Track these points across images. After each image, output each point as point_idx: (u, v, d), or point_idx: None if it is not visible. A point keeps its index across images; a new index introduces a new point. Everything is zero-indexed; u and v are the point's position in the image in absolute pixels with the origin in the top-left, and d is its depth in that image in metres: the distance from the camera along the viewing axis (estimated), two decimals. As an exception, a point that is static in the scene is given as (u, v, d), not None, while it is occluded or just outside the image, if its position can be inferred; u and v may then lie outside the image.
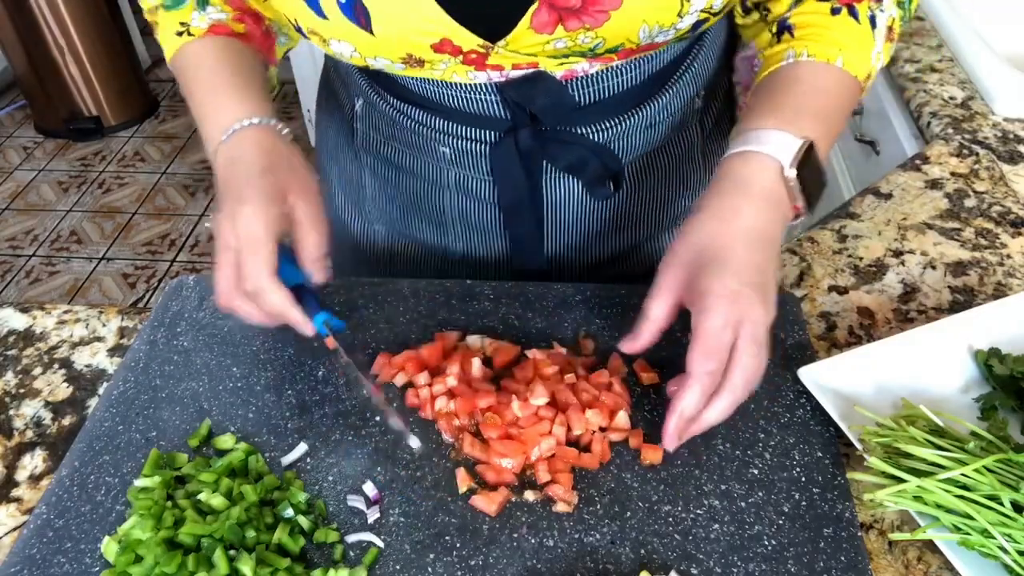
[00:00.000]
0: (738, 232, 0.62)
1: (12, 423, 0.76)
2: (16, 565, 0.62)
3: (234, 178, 0.66)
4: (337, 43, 0.68)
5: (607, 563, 0.60)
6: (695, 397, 0.60)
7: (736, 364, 0.60)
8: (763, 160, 0.63)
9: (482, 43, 0.66)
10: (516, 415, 0.67)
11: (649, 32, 0.66)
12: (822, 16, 0.70)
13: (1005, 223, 0.92)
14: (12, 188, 3.12)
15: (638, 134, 0.82)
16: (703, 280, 0.60)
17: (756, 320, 0.60)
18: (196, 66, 0.76)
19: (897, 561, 0.61)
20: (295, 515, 0.63)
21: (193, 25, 0.76)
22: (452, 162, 0.83)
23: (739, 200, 0.63)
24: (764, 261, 0.62)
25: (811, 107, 0.66)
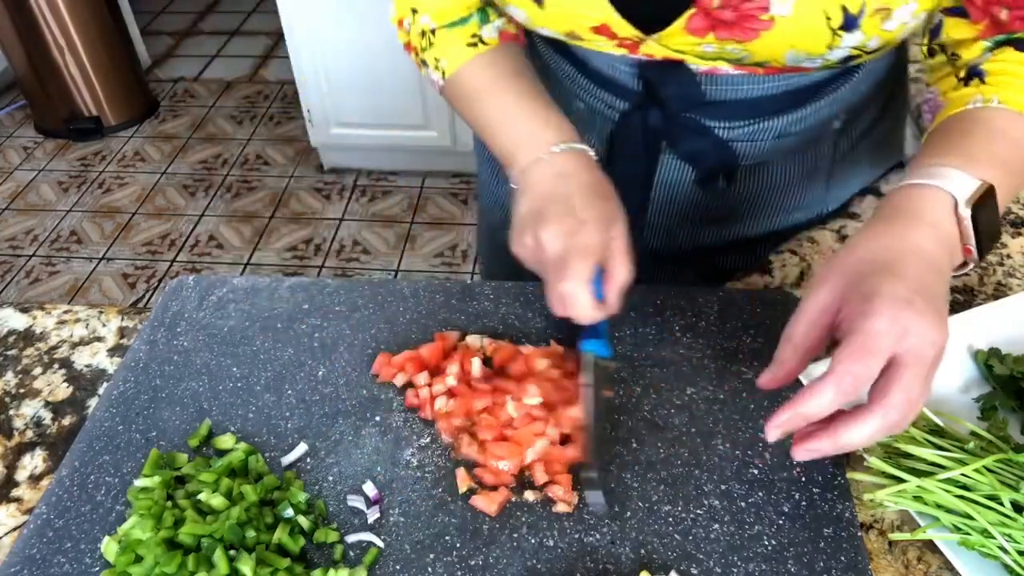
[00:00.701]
0: (910, 249, 0.56)
1: (12, 423, 0.76)
2: (16, 565, 0.62)
3: (566, 193, 0.69)
4: (512, 8, 0.72)
5: (607, 563, 0.60)
6: (826, 396, 0.51)
7: (897, 381, 0.51)
8: (937, 194, 0.58)
9: (637, 34, 0.69)
10: (511, 415, 0.67)
11: (796, 57, 0.67)
12: (1020, 66, 0.66)
13: (1005, 223, 0.92)
14: (12, 188, 3.12)
15: (766, 141, 0.82)
16: (869, 284, 0.53)
17: (926, 336, 0.52)
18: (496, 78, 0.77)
19: (897, 561, 0.61)
20: (295, 515, 0.63)
21: (485, 36, 0.78)
22: (582, 119, 0.84)
23: (910, 226, 0.58)
24: (936, 285, 0.55)
25: (995, 153, 0.62)
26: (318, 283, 0.85)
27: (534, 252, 0.68)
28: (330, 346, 0.78)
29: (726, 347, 0.75)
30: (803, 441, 0.55)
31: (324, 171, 3.11)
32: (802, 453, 0.55)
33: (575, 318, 0.66)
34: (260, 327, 0.80)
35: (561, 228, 0.66)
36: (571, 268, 0.64)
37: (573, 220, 0.66)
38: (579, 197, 0.68)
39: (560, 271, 0.65)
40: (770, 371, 0.58)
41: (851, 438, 0.52)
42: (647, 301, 0.80)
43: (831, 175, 0.88)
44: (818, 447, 0.54)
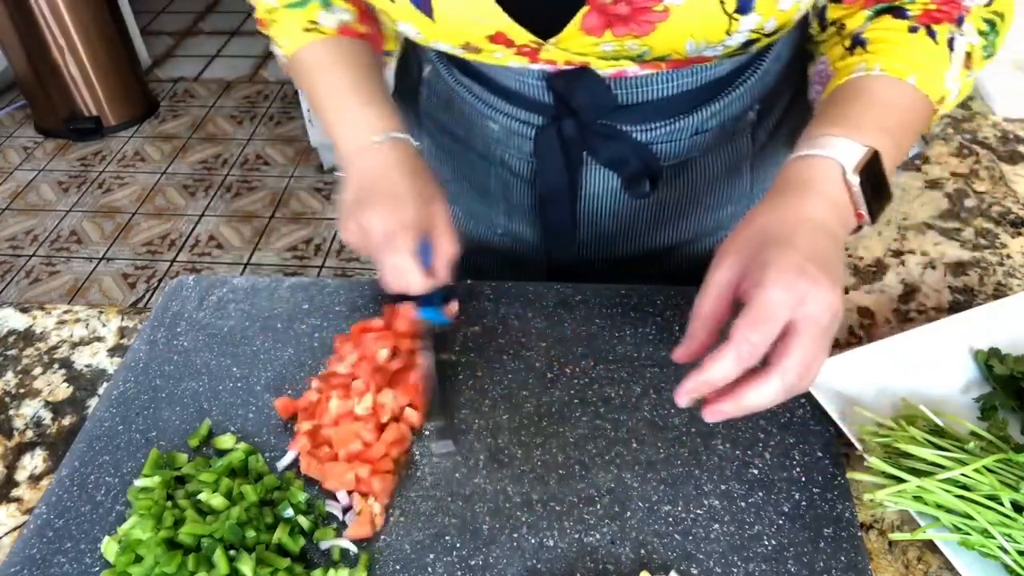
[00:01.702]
0: (802, 219, 0.58)
1: (12, 423, 0.76)
2: (16, 565, 0.62)
3: (386, 178, 0.72)
4: (403, 24, 0.71)
5: (607, 563, 0.60)
6: (727, 363, 0.53)
7: (793, 345, 0.53)
8: (826, 163, 0.61)
9: (534, 39, 0.68)
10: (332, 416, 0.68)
11: (696, 46, 0.66)
12: (898, 33, 0.68)
13: (1005, 223, 0.92)
14: (12, 188, 3.12)
15: (684, 140, 0.82)
16: (764, 255, 0.55)
17: (821, 302, 0.53)
18: (331, 64, 0.78)
19: (897, 561, 0.61)
20: (295, 515, 0.63)
21: (322, 24, 0.78)
22: (499, 139, 0.85)
23: (802, 196, 0.60)
24: (829, 251, 0.57)
25: (878, 119, 0.64)
26: (318, 283, 0.85)
27: (360, 237, 0.71)
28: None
29: (726, 347, 0.75)
30: (710, 404, 0.56)
31: (324, 171, 3.11)
32: (710, 415, 0.56)
33: (407, 289, 0.69)
34: (260, 327, 0.80)
35: (383, 209, 0.70)
36: (397, 242, 0.68)
37: (393, 200, 0.70)
38: (398, 178, 0.72)
39: (387, 247, 0.68)
40: (683, 345, 0.59)
41: (752, 399, 0.54)
42: (647, 301, 0.80)
43: (753, 167, 0.88)
44: (723, 409, 0.55)
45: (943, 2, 0.68)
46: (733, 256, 0.58)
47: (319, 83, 0.78)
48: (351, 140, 0.75)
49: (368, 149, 0.74)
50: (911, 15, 0.68)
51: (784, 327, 0.53)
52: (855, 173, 0.60)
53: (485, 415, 0.71)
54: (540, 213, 0.88)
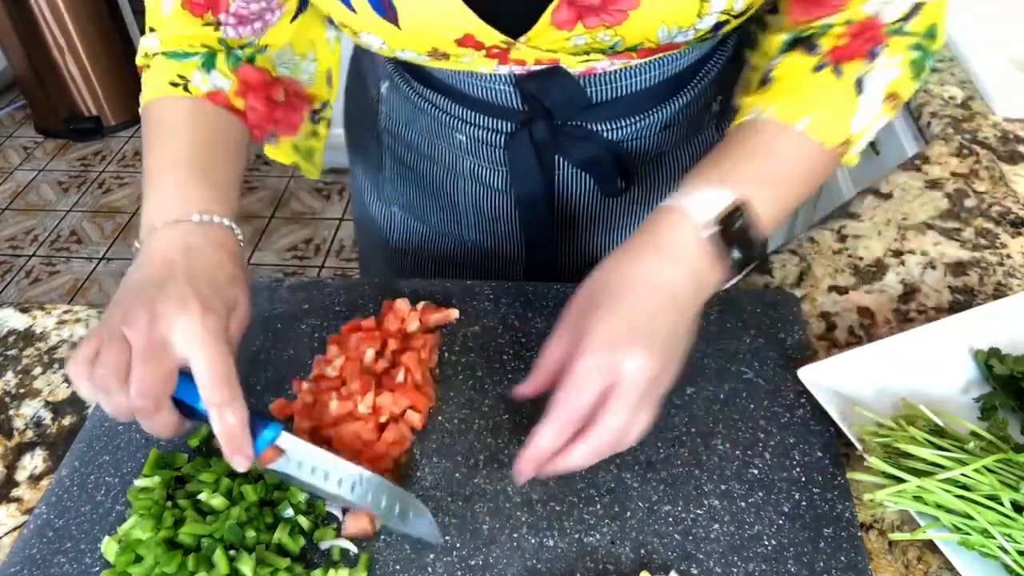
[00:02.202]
0: (637, 280, 0.58)
1: (12, 423, 0.76)
2: (16, 565, 0.62)
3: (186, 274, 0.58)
4: (367, 35, 0.69)
5: (607, 563, 0.60)
6: (550, 434, 0.56)
7: (602, 415, 0.56)
8: (682, 215, 0.60)
9: (504, 39, 0.67)
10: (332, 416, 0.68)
11: (668, 32, 0.66)
12: (802, 72, 0.66)
13: (1005, 223, 0.92)
14: (12, 188, 3.12)
15: (654, 134, 0.82)
16: (590, 319, 0.57)
17: (636, 373, 0.55)
18: (175, 125, 0.68)
19: (897, 561, 0.61)
20: (295, 515, 0.63)
21: (192, 84, 0.70)
22: (468, 150, 0.84)
23: (646, 253, 0.60)
24: (661, 316, 0.57)
25: (755, 170, 0.63)
26: (318, 283, 0.85)
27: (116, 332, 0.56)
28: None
29: (726, 347, 0.75)
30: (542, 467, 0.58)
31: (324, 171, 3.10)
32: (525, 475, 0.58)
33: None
34: (260, 327, 0.80)
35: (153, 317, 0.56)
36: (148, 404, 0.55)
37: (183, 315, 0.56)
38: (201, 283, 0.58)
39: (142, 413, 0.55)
40: (526, 383, 0.61)
41: (569, 461, 0.57)
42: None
43: None
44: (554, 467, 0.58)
45: (856, 33, 0.65)
46: (572, 312, 0.60)
47: (154, 142, 0.68)
48: (153, 213, 0.63)
49: (167, 228, 0.61)
50: (820, 51, 0.66)
51: (603, 392, 0.56)
52: (713, 226, 0.59)
53: (485, 415, 0.71)
54: (519, 221, 0.88)
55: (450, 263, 0.96)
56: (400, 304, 0.77)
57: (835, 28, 0.66)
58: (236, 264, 0.62)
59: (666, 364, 0.57)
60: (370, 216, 1.00)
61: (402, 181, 0.93)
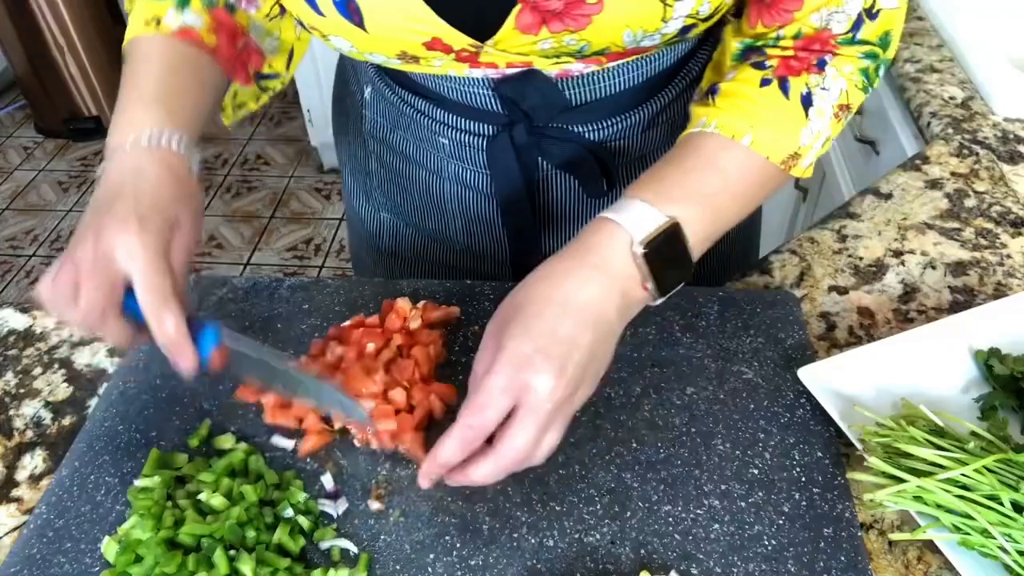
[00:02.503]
0: (555, 298, 0.58)
1: (12, 423, 0.76)
2: (16, 565, 0.62)
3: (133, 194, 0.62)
4: (335, 39, 0.69)
5: (607, 563, 0.60)
6: (451, 447, 0.56)
7: (507, 434, 0.55)
8: (615, 230, 0.59)
9: (472, 43, 0.67)
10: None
11: (634, 37, 0.65)
12: (748, 86, 0.66)
13: (1005, 223, 0.92)
14: (12, 188, 3.12)
15: (636, 136, 0.82)
16: (504, 337, 0.56)
17: (541, 393, 0.54)
18: (144, 59, 0.72)
19: (897, 561, 0.61)
20: (295, 515, 0.63)
21: (164, 21, 0.73)
22: (451, 154, 0.84)
23: (573, 266, 0.59)
24: (576, 335, 0.56)
25: (695, 186, 0.62)
26: (318, 283, 0.85)
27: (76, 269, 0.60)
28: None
29: (726, 347, 0.75)
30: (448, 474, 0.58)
31: (324, 171, 3.11)
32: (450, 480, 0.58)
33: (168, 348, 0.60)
34: (260, 327, 0.80)
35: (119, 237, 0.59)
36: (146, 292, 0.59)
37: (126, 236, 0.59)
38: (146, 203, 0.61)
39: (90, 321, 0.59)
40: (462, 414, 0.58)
41: (473, 476, 0.57)
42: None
43: None
44: (455, 478, 0.58)
45: (803, 46, 0.66)
46: (492, 327, 0.59)
47: (124, 79, 0.72)
48: (115, 134, 0.67)
49: (121, 152, 0.65)
50: (768, 64, 0.66)
51: (509, 410, 0.55)
52: (640, 245, 0.58)
53: (485, 415, 0.71)
54: (502, 222, 0.88)
55: (439, 266, 0.96)
56: (401, 303, 0.77)
57: (784, 40, 0.67)
58: (180, 185, 0.65)
59: (577, 385, 0.57)
60: (360, 219, 1.01)
61: (389, 185, 0.93)
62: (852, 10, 0.65)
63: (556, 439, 0.57)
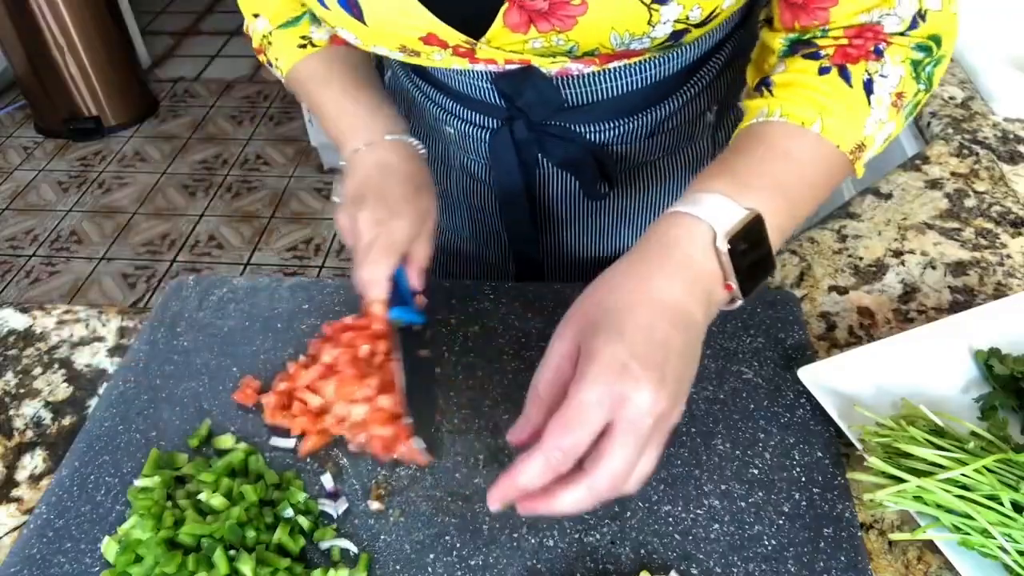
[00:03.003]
0: (644, 300, 0.52)
1: (12, 423, 0.76)
2: (16, 565, 0.62)
3: (385, 183, 0.72)
4: (341, 31, 0.70)
5: (607, 563, 0.60)
6: (535, 470, 0.49)
7: (604, 455, 0.48)
8: (694, 225, 0.54)
9: (465, 39, 0.67)
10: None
11: (621, 39, 0.64)
12: (807, 75, 0.62)
13: (1005, 223, 0.92)
14: (12, 188, 3.12)
15: (639, 141, 0.81)
16: (592, 342, 0.50)
17: (642, 406, 0.48)
18: (327, 72, 0.79)
19: (897, 561, 0.61)
20: (295, 515, 0.63)
21: (315, 37, 0.79)
22: (457, 143, 0.85)
23: (655, 264, 0.54)
24: (671, 338, 0.51)
25: (770, 176, 0.58)
26: (318, 283, 0.85)
27: (350, 232, 0.72)
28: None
29: (726, 347, 0.75)
30: (525, 501, 0.52)
31: (324, 171, 3.11)
32: (523, 509, 0.52)
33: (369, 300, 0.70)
34: (260, 327, 0.80)
35: (373, 217, 0.70)
36: (373, 258, 0.68)
37: (386, 211, 0.70)
38: (397, 188, 0.72)
39: (366, 260, 0.69)
40: (517, 426, 0.54)
41: (561, 506, 0.50)
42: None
43: None
44: (535, 508, 0.51)
45: (856, 35, 0.62)
46: (571, 330, 0.53)
47: (318, 92, 0.79)
48: (350, 142, 0.76)
49: (370, 148, 0.74)
50: (824, 54, 0.62)
51: (602, 428, 0.49)
52: (724, 240, 0.54)
53: (485, 415, 0.71)
54: (501, 216, 0.89)
55: (444, 254, 0.97)
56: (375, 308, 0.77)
57: (833, 31, 0.64)
58: (424, 171, 0.75)
59: (676, 397, 0.51)
60: None
61: None
62: (906, 13, 0.61)
63: (653, 463, 0.51)
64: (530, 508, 0.51)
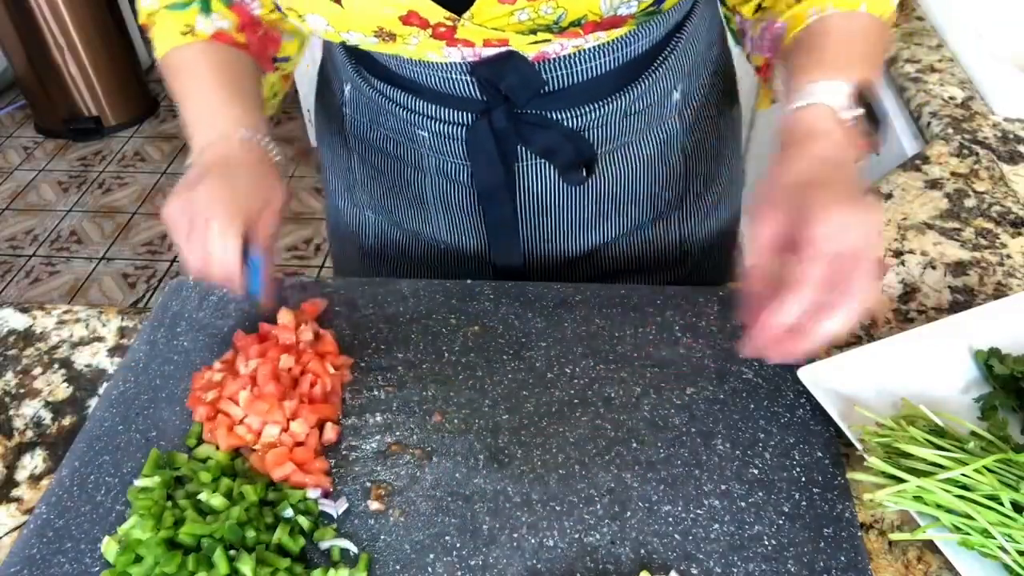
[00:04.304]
0: (820, 160, 0.62)
1: (12, 423, 0.76)
2: (16, 565, 0.62)
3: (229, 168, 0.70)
4: (311, 17, 0.69)
5: (607, 563, 0.60)
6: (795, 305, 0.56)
7: (852, 272, 0.56)
8: (820, 110, 0.64)
9: (448, 15, 0.67)
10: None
11: (611, 3, 0.67)
12: None
13: (1005, 223, 0.92)
14: (12, 188, 3.12)
15: (614, 123, 0.82)
16: (803, 200, 0.58)
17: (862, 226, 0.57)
18: (195, 66, 0.78)
19: (897, 561, 0.61)
20: (295, 515, 0.63)
21: (198, 28, 0.78)
22: (431, 146, 0.84)
23: (812, 143, 0.63)
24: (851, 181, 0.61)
25: (848, 55, 0.68)
26: (318, 283, 0.85)
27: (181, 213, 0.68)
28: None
29: (726, 347, 0.75)
30: (777, 347, 0.59)
31: (324, 171, 3.10)
32: (778, 356, 0.59)
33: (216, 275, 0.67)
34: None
35: (211, 195, 0.67)
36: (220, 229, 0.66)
37: (227, 189, 0.68)
38: (242, 173, 0.70)
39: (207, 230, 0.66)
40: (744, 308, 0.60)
41: (826, 330, 0.56)
42: (647, 301, 0.80)
43: (684, 151, 0.89)
44: (793, 349, 0.58)
45: None
46: (772, 210, 0.60)
47: (185, 82, 0.78)
48: (203, 135, 0.74)
49: (218, 143, 0.73)
50: None
51: (839, 258, 0.56)
52: (847, 111, 0.64)
53: (485, 415, 0.71)
54: (481, 215, 0.88)
55: (423, 266, 0.97)
56: (284, 317, 0.77)
57: None
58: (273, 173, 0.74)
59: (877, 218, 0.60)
60: (344, 220, 1.01)
61: (371, 183, 0.94)
62: None
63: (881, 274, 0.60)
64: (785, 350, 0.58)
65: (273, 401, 0.68)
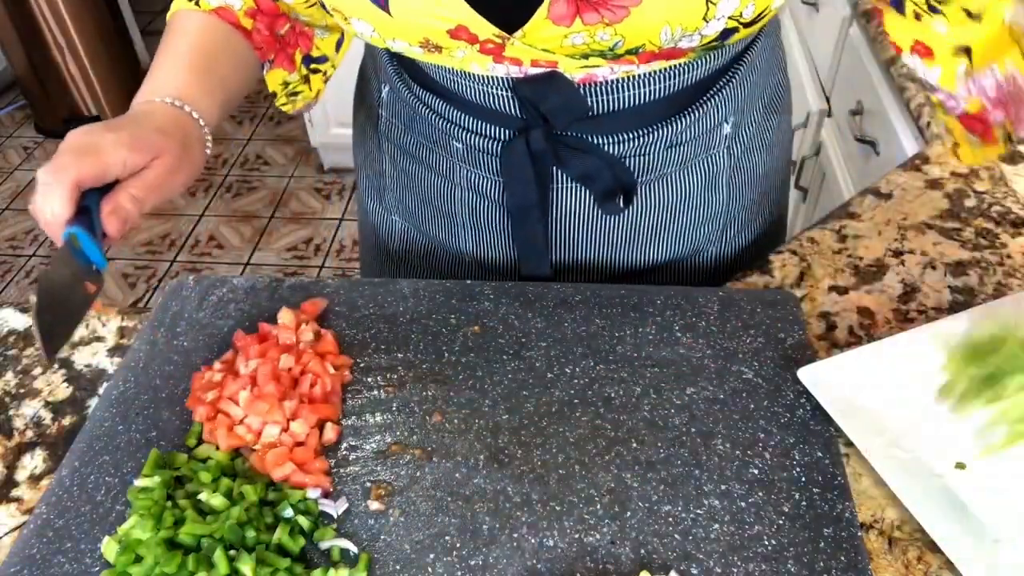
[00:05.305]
0: None
1: (12, 423, 0.76)
2: (16, 565, 0.62)
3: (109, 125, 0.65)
4: (357, 22, 0.67)
5: (607, 563, 0.60)
6: None
7: None
8: None
9: (498, 33, 0.65)
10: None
11: (671, 35, 0.63)
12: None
13: (1005, 223, 0.92)
14: (12, 188, 3.12)
15: (658, 153, 0.79)
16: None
17: None
18: (178, 34, 0.77)
19: (897, 561, 0.61)
20: (295, 515, 0.63)
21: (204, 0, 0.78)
22: (464, 158, 0.82)
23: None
24: None
25: None
26: (318, 283, 0.85)
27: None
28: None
29: (726, 347, 0.75)
30: None
31: (324, 171, 3.11)
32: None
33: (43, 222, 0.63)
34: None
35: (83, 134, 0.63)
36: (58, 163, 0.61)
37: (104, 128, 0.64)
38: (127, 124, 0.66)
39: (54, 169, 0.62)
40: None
41: None
42: (647, 301, 0.80)
43: (729, 183, 0.86)
44: None
45: None
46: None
47: (162, 46, 0.77)
48: (140, 96, 0.72)
49: (143, 104, 0.70)
50: None
51: None
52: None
53: (485, 415, 0.71)
54: (511, 234, 0.86)
55: (448, 275, 0.95)
56: (284, 317, 0.77)
57: None
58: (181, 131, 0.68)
59: None
60: (372, 223, 1.00)
61: (401, 188, 0.92)
62: None
63: None
64: None
65: (273, 401, 0.68)
